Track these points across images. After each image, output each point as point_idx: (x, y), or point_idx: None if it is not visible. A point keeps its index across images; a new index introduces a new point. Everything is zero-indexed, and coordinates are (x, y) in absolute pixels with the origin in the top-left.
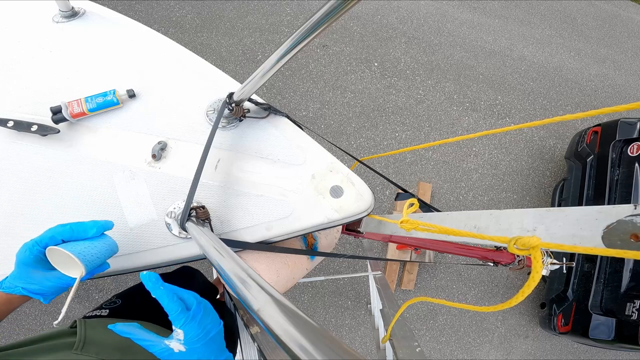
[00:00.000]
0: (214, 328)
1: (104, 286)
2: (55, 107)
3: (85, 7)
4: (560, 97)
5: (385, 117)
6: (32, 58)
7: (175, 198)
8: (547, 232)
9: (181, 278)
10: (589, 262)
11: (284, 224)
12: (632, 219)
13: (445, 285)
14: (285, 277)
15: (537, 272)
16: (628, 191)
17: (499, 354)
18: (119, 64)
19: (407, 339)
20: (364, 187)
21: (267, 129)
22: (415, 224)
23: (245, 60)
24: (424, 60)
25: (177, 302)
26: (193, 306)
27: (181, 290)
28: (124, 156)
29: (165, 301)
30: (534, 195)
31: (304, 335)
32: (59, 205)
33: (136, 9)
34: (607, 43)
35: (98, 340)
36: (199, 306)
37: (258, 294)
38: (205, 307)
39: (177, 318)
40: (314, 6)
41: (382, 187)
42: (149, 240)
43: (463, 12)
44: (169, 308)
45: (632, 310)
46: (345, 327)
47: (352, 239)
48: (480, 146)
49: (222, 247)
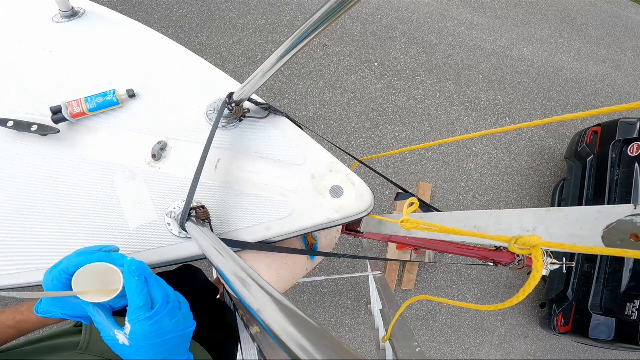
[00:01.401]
0: (173, 331)
1: None
2: (55, 107)
3: (85, 7)
4: (560, 97)
5: (385, 117)
6: (32, 58)
7: (175, 198)
8: (547, 232)
9: (182, 277)
10: (589, 262)
11: (284, 224)
12: (632, 219)
13: (445, 285)
14: (285, 277)
15: (538, 272)
16: (628, 191)
17: (499, 354)
18: (119, 64)
19: (407, 339)
20: (364, 187)
21: (267, 129)
22: (416, 223)
23: (245, 60)
24: (424, 60)
25: (141, 297)
26: (156, 306)
27: (158, 287)
28: (124, 156)
29: (131, 292)
30: (534, 195)
31: (304, 335)
32: (59, 205)
33: (136, 9)
34: (607, 43)
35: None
36: (162, 307)
37: (258, 294)
38: (172, 310)
39: (131, 312)
40: (314, 6)
41: (382, 187)
42: (149, 240)
43: (463, 12)
44: (130, 299)
45: (632, 310)
46: (345, 327)
47: (352, 239)
48: (480, 146)
49: (222, 247)
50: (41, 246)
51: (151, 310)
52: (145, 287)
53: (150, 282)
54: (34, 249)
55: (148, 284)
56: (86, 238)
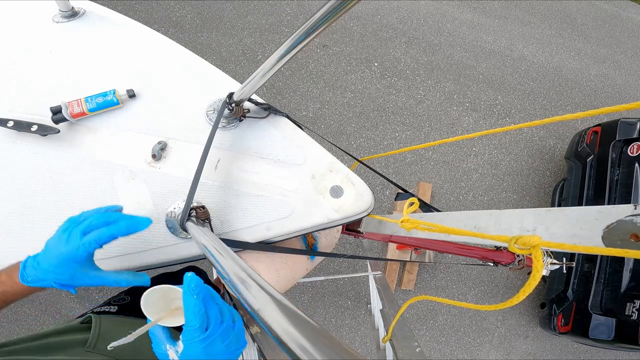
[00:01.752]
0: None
1: (103, 286)
2: (55, 107)
3: (85, 7)
4: (560, 97)
5: (385, 117)
6: (32, 58)
7: (175, 198)
8: (547, 232)
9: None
10: (589, 262)
11: (284, 224)
12: (632, 219)
13: (445, 285)
14: (285, 277)
15: (538, 271)
16: (628, 191)
17: (499, 354)
18: (119, 64)
19: (407, 339)
20: (364, 187)
21: (267, 129)
22: (416, 223)
23: (245, 60)
24: (424, 60)
25: (198, 318)
26: (210, 327)
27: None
28: (124, 156)
29: (189, 311)
30: (534, 195)
31: (304, 335)
32: (58, 205)
33: (136, 9)
34: (607, 43)
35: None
36: (216, 328)
37: (258, 294)
38: (226, 330)
39: (186, 332)
40: (314, 6)
41: (382, 187)
42: (149, 240)
43: (463, 12)
44: (187, 319)
45: (632, 310)
46: (345, 327)
47: (352, 239)
48: (480, 146)
49: (222, 247)
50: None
51: (205, 331)
52: (202, 306)
53: (207, 300)
54: (34, 249)
55: (205, 302)
56: None
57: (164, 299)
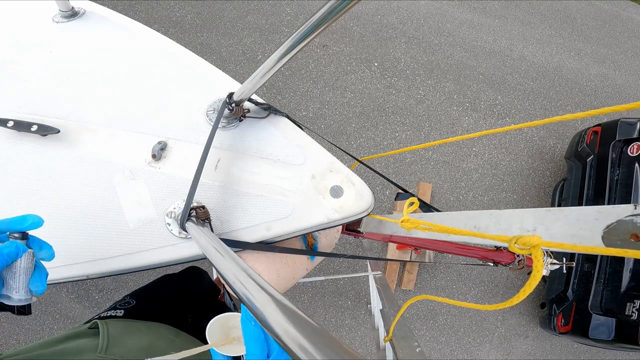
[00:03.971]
0: None
1: (104, 286)
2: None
3: (85, 7)
4: (560, 97)
5: (385, 117)
6: (32, 58)
7: (175, 198)
8: (547, 232)
9: (190, 278)
10: (589, 262)
11: (284, 224)
12: (632, 218)
13: (445, 285)
14: (285, 277)
15: (538, 271)
16: (628, 191)
17: (499, 354)
18: (118, 64)
19: (407, 339)
20: (364, 187)
21: (267, 129)
22: (416, 223)
23: (245, 60)
24: (424, 60)
25: (257, 344)
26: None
27: None
28: (124, 156)
29: (248, 338)
30: (534, 195)
31: (304, 335)
32: (58, 205)
33: (136, 9)
34: (607, 43)
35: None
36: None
37: (258, 294)
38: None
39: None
40: (314, 6)
41: (382, 187)
42: (149, 240)
43: (463, 12)
44: (248, 347)
45: (632, 310)
46: (345, 327)
47: (352, 239)
48: (480, 146)
49: (222, 247)
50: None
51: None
52: (262, 332)
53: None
54: None
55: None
56: (86, 238)
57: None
